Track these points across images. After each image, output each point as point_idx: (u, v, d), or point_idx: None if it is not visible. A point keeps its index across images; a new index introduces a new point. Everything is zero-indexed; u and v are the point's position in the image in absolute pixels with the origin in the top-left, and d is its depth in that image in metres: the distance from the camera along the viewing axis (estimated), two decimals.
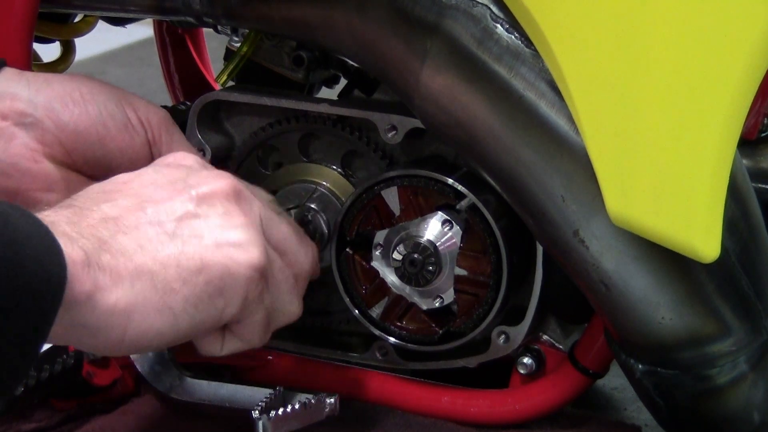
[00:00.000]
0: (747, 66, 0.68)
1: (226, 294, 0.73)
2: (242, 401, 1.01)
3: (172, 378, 1.03)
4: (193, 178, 0.76)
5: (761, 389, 0.84)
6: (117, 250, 0.68)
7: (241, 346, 0.80)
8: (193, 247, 0.71)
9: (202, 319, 0.72)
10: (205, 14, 0.94)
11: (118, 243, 0.68)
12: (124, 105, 0.87)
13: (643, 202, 0.73)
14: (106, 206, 0.70)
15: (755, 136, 0.98)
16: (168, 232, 0.71)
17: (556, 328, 1.00)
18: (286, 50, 1.02)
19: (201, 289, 0.71)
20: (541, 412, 0.99)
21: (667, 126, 0.71)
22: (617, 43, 0.71)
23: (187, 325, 0.71)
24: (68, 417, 1.01)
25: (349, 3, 0.86)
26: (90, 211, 0.69)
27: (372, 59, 0.87)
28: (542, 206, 0.81)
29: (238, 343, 0.79)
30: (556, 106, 0.78)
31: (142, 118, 0.87)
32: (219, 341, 0.79)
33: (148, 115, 0.88)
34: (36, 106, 0.83)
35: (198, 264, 0.71)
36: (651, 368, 0.84)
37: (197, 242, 0.72)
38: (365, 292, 0.97)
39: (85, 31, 1.11)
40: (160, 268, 0.69)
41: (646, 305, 0.80)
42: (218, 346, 0.79)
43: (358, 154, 1.00)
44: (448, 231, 0.91)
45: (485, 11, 0.79)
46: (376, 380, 1.03)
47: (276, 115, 1.00)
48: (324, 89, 1.12)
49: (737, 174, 0.79)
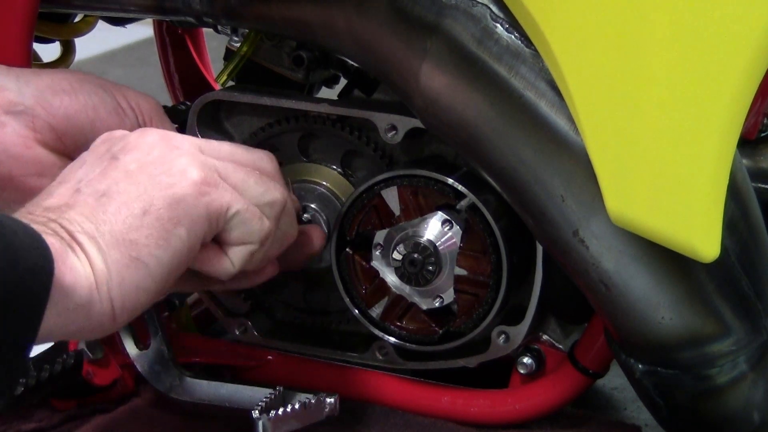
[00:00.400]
0: (747, 66, 0.68)
1: (183, 220, 0.74)
2: (242, 401, 1.01)
3: (172, 378, 1.03)
4: (120, 143, 0.78)
5: (761, 389, 0.84)
6: (72, 229, 0.70)
7: (250, 249, 0.81)
8: (128, 195, 0.73)
9: (172, 254, 0.73)
10: (205, 14, 0.94)
11: (67, 221, 0.70)
12: (114, 92, 0.89)
13: (643, 202, 0.73)
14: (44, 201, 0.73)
15: (755, 135, 0.98)
16: (104, 193, 0.73)
17: (556, 328, 1.00)
18: (286, 50, 1.02)
19: (156, 227, 0.73)
20: (541, 412, 0.99)
21: (667, 126, 0.71)
22: (617, 42, 0.71)
23: (161, 267, 0.73)
24: (68, 417, 1.01)
25: (349, 3, 0.86)
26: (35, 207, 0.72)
27: (372, 59, 0.87)
28: (542, 206, 0.81)
29: (244, 250, 0.81)
30: (556, 105, 0.78)
31: (132, 104, 0.89)
32: (225, 258, 0.81)
33: (138, 101, 0.90)
34: (25, 95, 0.85)
35: (140, 207, 0.73)
36: (651, 368, 0.84)
37: (133, 189, 0.73)
38: (365, 292, 0.97)
39: (85, 31, 1.11)
40: (111, 227, 0.71)
41: (646, 305, 0.80)
42: (228, 263, 0.81)
43: (357, 154, 1.00)
44: (448, 231, 0.91)
45: (485, 11, 0.79)
46: (376, 380, 1.03)
47: (276, 115, 1.00)
48: (324, 89, 1.12)
49: (737, 174, 0.79)
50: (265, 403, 0.92)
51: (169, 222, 0.73)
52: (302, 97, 1.02)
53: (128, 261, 0.71)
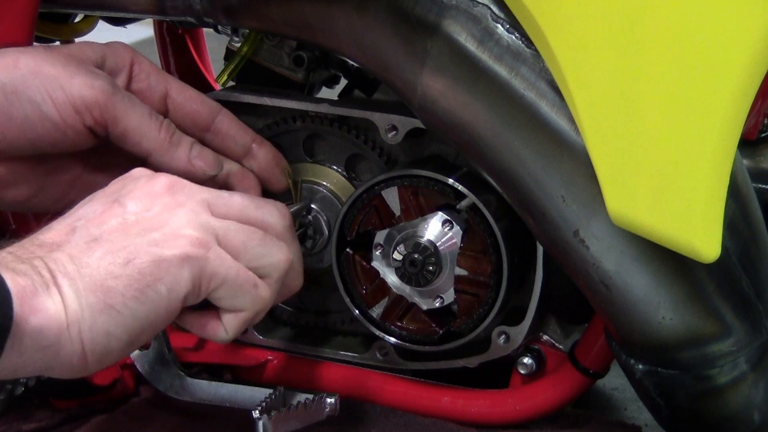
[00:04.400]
0: (747, 66, 0.68)
1: (165, 279, 0.74)
2: (242, 401, 1.01)
3: (172, 378, 1.03)
4: (129, 186, 0.79)
5: (761, 389, 0.84)
6: (54, 269, 0.71)
7: (243, 317, 0.81)
8: (116, 244, 0.74)
9: (148, 309, 0.74)
10: (206, 14, 0.94)
11: (53, 260, 0.71)
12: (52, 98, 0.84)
13: (643, 202, 0.73)
14: (42, 236, 0.74)
15: (755, 136, 0.98)
16: (96, 238, 0.74)
17: (557, 328, 1.00)
18: (286, 50, 1.02)
19: (135, 280, 0.73)
20: (541, 412, 0.99)
21: (667, 126, 0.71)
22: (617, 43, 0.71)
23: (135, 320, 0.73)
24: (68, 417, 1.01)
25: (349, 3, 0.86)
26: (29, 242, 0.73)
27: (372, 59, 0.87)
28: (542, 206, 0.81)
29: (237, 318, 0.81)
30: (557, 106, 0.78)
31: (76, 106, 0.85)
32: (219, 325, 0.81)
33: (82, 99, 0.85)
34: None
35: (124, 257, 0.73)
36: (651, 368, 0.84)
37: (122, 239, 0.74)
38: (365, 292, 0.97)
39: (85, 31, 1.11)
40: (91, 271, 0.72)
41: (647, 305, 0.80)
42: (222, 330, 0.81)
43: (362, 158, 1.00)
44: (448, 231, 0.92)
45: (486, 11, 0.79)
46: (376, 380, 1.03)
47: (276, 115, 1.00)
48: (324, 89, 1.12)
49: (737, 174, 0.79)
50: (265, 403, 0.92)
51: (150, 277, 0.73)
52: (302, 98, 1.02)
53: (103, 307, 0.71)
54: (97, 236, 0.74)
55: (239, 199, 0.83)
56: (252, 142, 0.94)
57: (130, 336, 0.73)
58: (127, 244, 0.74)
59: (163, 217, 0.76)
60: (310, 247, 1.00)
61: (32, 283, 0.69)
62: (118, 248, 0.73)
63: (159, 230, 0.75)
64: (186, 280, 0.75)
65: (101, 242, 0.73)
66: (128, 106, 0.86)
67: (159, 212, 0.76)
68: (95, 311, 0.71)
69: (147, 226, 0.75)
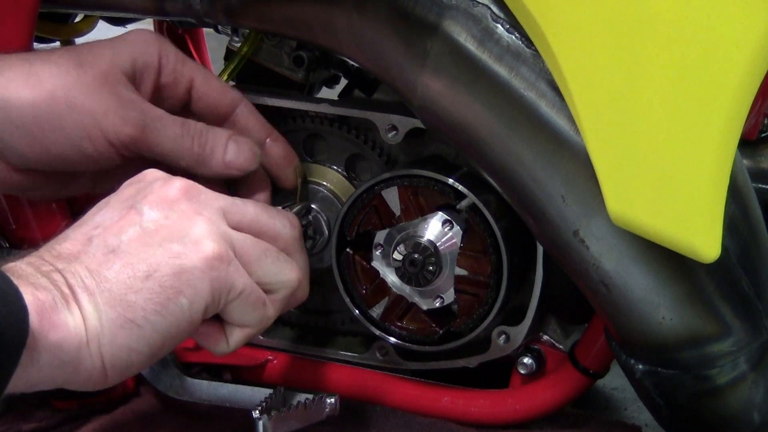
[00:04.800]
0: (747, 66, 0.68)
1: (186, 291, 0.73)
2: (242, 401, 1.01)
3: (171, 378, 1.03)
4: (144, 191, 0.77)
5: (761, 389, 0.84)
6: (73, 283, 0.70)
7: (247, 333, 0.81)
8: (136, 256, 0.73)
9: (170, 322, 0.73)
10: (206, 14, 0.94)
11: (71, 274, 0.70)
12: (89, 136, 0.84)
13: (643, 202, 0.73)
14: (59, 245, 0.73)
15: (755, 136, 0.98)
16: (114, 249, 0.73)
17: (557, 328, 1.00)
18: (286, 50, 1.02)
19: (156, 294, 0.72)
20: (541, 412, 0.99)
21: (667, 126, 0.71)
22: (617, 43, 0.71)
23: (156, 333, 0.72)
24: (68, 417, 1.01)
25: (349, 3, 0.86)
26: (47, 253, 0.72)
27: (372, 59, 0.87)
28: (542, 206, 0.81)
29: (241, 333, 0.80)
30: (557, 106, 0.78)
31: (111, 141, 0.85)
32: (222, 337, 0.81)
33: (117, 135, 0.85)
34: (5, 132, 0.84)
35: (144, 270, 0.72)
36: (651, 368, 0.84)
37: (142, 251, 0.73)
38: (365, 292, 0.97)
39: (85, 31, 1.12)
40: (111, 286, 0.71)
41: (647, 305, 0.80)
42: (224, 342, 0.81)
43: (362, 158, 1.00)
44: (448, 231, 0.91)
45: (486, 11, 0.79)
46: (376, 380, 1.03)
47: (276, 115, 1.00)
48: (324, 89, 1.12)
49: (737, 174, 0.79)
50: (265, 403, 0.92)
51: (171, 290, 0.72)
52: (302, 98, 1.02)
53: (123, 321, 0.71)
54: (115, 247, 0.73)
55: (253, 209, 0.83)
56: (267, 137, 0.94)
57: (152, 349, 0.73)
58: (147, 256, 0.73)
59: (182, 226, 0.75)
60: (310, 247, 1.00)
61: (52, 298, 0.68)
62: (137, 260, 0.72)
63: (179, 241, 0.74)
64: (207, 292, 0.74)
65: (120, 254, 0.72)
66: (161, 133, 0.86)
67: (177, 220, 0.75)
68: (115, 326, 0.70)
69: (167, 236, 0.74)
